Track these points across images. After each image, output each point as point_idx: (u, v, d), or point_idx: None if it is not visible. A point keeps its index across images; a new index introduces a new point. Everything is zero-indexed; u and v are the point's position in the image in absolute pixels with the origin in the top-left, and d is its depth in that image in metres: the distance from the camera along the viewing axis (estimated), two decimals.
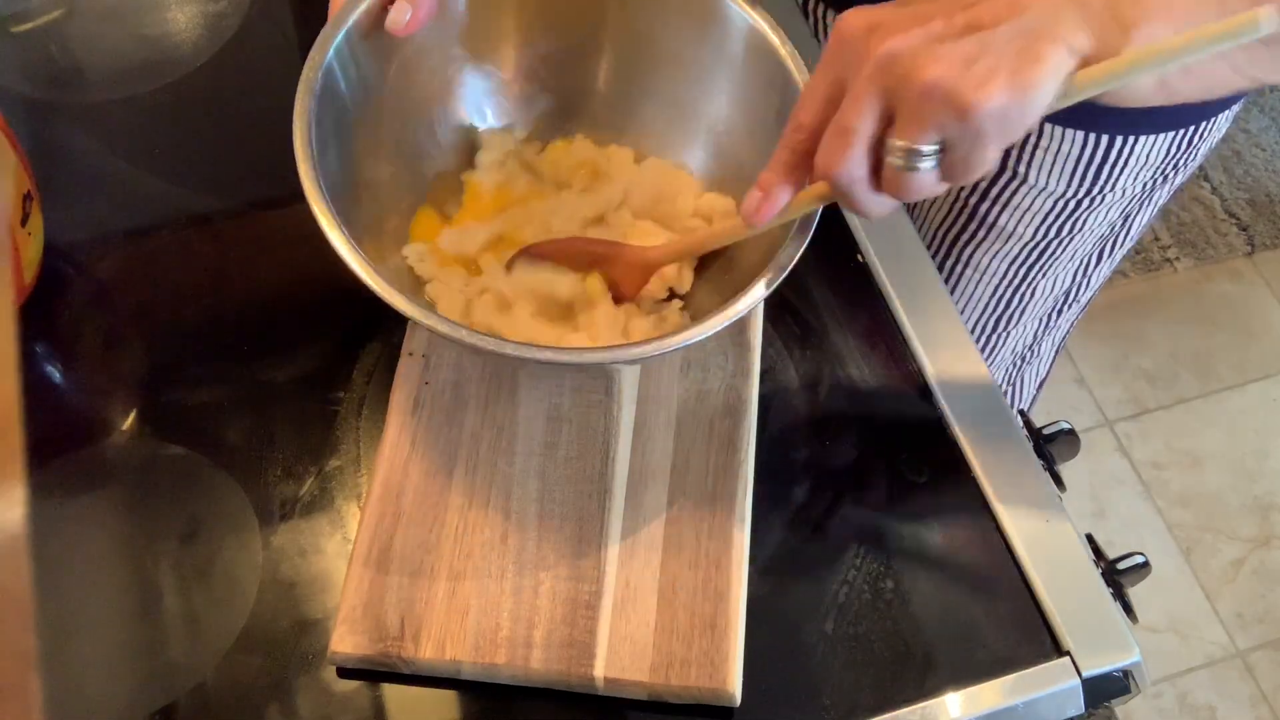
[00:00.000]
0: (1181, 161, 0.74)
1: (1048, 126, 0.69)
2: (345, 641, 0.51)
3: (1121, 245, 0.83)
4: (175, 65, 0.74)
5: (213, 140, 0.72)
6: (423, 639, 0.51)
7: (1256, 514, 1.59)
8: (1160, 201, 0.80)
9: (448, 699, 0.53)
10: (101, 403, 0.61)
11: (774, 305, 0.63)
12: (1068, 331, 0.96)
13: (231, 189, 0.69)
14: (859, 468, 0.60)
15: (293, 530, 0.56)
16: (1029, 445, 0.60)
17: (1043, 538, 0.57)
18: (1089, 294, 0.89)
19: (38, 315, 0.63)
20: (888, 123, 0.41)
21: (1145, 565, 0.58)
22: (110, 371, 0.62)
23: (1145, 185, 0.74)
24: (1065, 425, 0.62)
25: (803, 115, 0.44)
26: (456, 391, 0.58)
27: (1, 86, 0.72)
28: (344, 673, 0.53)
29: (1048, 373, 1.01)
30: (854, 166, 0.42)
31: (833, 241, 0.66)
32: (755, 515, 0.56)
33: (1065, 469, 0.63)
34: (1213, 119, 0.71)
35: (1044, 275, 0.81)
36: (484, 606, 0.52)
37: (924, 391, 0.62)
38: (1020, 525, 0.57)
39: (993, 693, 0.53)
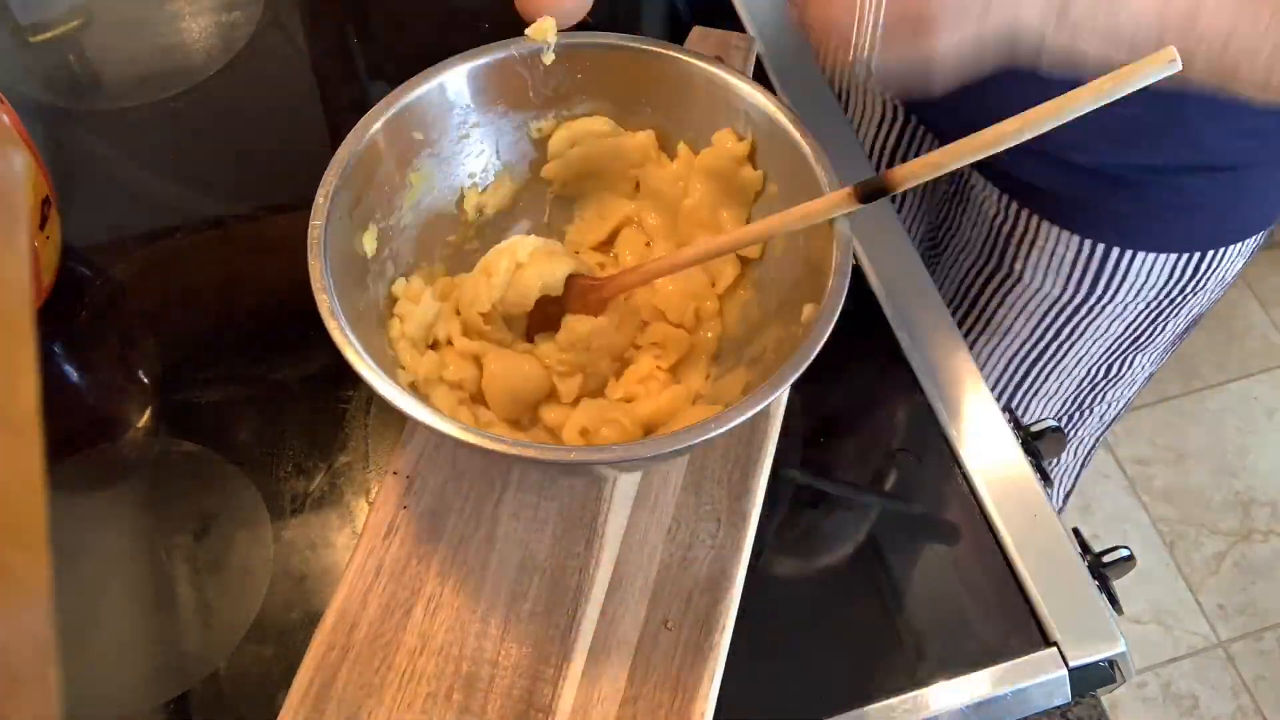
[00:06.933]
0: (1190, 288, 0.72)
1: (1045, 226, 0.69)
2: None
3: (1132, 367, 0.81)
4: (189, 74, 0.76)
5: (225, 146, 0.73)
6: None
7: (1238, 509, 1.60)
8: (1177, 332, 0.78)
9: None
10: (117, 401, 0.62)
11: None
12: (1090, 448, 0.92)
13: (243, 193, 0.70)
14: (851, 464, 0.61)
15: (303, 524, 0.57)
16: (1016, 442, 0.61)
17: (1030, 532, 0.58)
18: (1107, 410, 0.86)
19: (56, 317, 0.64)
20: None
21: (1130, 558, 0.59)
22: (126, 371, 0.63)
23: (1150, 306, 0.73)
24: (1051, 423, 0.63)
25: None
26: (433, 522, 0.53)
27: (21, 94, 0.73)
28: None
29: (1073, 485, 0.96)
30: None
31: None
32: None
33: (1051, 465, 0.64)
34: (1222, 249, 0.69)
35: (1045, 378, 0.80)
36: None
37: (914, 389, 0.63)
38: (1008, 519, 0.58)
39: (981, 682, 0.54)
